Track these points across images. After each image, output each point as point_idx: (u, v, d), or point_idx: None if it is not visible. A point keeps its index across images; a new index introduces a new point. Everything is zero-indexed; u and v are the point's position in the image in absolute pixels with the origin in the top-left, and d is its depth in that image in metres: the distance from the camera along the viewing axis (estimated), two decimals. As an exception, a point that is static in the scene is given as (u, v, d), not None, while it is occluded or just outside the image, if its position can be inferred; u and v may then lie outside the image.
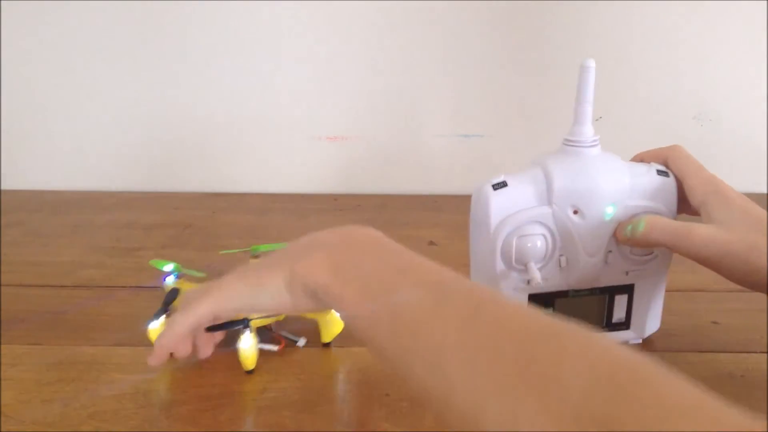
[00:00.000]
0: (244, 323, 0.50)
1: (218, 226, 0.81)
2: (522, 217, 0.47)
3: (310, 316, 0.55)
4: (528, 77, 0.88)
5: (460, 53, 0.88)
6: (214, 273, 0.59)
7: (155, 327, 0.53)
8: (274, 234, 0.78)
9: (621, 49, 0.86)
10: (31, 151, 0.94)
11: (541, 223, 0.48)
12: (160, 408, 0.46)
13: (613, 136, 0.88)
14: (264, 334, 0.53)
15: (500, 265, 0.48)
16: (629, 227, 0.47)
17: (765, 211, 0.45)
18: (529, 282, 0.48)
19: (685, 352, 0.52)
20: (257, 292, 0.43)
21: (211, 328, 0.51)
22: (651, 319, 0.54)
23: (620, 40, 0.86)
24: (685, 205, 0.49)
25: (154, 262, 0.58)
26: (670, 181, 0.49)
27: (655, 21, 0.85)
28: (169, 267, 0.57)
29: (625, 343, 0.53)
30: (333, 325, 0.54)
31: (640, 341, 0.54)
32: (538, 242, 0.48)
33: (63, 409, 0.46)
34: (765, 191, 0.90)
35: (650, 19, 0.85)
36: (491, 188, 0.47)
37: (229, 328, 0.50)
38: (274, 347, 0.53)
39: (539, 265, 0.48)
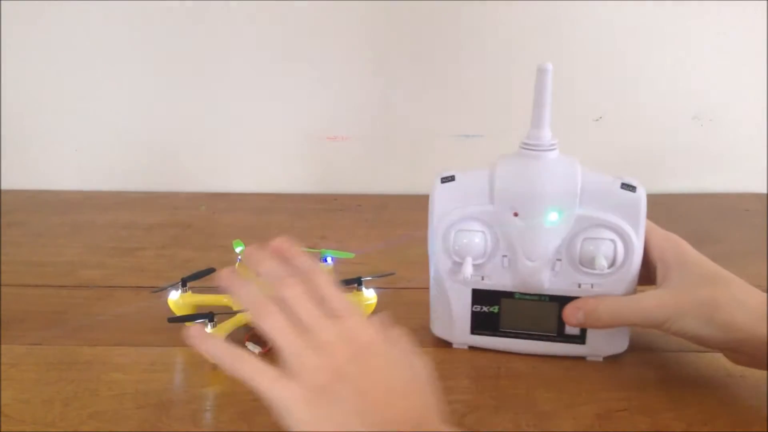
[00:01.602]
0: (209, 317, 0.51)
1: (218, 226, 0.81)
2: (463, 213, 0.48)
3: None
4: (529, 77, 0.88)
5: (460, 53, 0.88)
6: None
7: (174, 298, 0.55)
8: (275, 234, 0.78)
9: (621, 48, 0.86)
10: (31, 151, 0.94)
11: (481, 221, 0.48)
12: (160, 408, 0.46)
13: (612, 135, 0.90)
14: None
15: (442, 257, 0.50)
16: (581, 313, 0.48)
17: (719, 268, 0.46)
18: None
19: (685, 352, 0.52)
20: None
21: (173, 320, 0.53)
22: (612, 340, 0.50)
23: (620, 39, 0.86)
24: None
25: (235, 243, 0.60)
26: (637, 197, 0.46)
27: (654, 21, 0.85)
28: (239, 249, 0.59)
29: (583, 358, 0.51)
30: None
31: (601, 359, 0.51)
32: (475, 239, 0.48)
33: (63, 409, 0.46)
34: (765, 191, 0.90)
35: (650, 19, 0.85)
36: (439, 181, 0.49)
37: (192, 321, 0.52)
38: (257, 349, 0.51)
39: (478, 262, 0.49)
